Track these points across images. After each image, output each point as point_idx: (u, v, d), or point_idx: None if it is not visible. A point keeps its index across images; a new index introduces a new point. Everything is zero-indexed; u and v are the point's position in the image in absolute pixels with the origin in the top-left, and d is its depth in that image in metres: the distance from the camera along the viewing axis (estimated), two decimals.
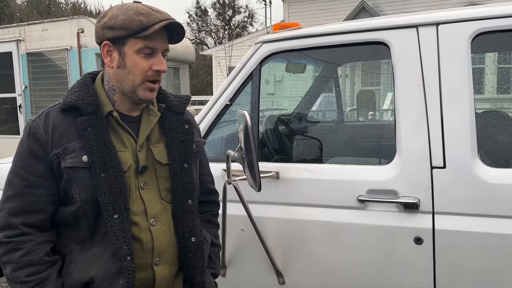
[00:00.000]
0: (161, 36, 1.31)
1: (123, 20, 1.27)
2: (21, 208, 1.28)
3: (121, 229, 1.26)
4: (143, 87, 1.32)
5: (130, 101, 1.36)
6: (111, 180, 1.27)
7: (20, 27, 7.44)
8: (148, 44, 1.29)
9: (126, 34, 1.28)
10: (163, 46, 1.33)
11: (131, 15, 1.27)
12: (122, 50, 1.30)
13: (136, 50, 1.29)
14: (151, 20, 1.27)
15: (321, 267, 2.03)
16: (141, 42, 1.28)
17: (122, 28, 1.27)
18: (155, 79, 1.33)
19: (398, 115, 1.89)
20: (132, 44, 1.29)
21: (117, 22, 1.28)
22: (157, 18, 1.28)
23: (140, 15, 1.27)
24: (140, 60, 1.30)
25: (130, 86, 1.32)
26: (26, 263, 1.25)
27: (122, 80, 1.33)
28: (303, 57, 2.53)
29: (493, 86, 4.48)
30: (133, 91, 1.32)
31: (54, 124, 1.30)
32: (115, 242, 1.26)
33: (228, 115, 2.30)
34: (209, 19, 34.91)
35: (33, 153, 1.29)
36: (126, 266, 1.26)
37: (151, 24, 1.27)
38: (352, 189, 1.93)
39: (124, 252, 1.26)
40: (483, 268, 1.77)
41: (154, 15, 1.28)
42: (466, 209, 1.77)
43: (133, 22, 1.27)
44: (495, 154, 1.95)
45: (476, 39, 1.80)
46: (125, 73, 1.31)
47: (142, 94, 1.33)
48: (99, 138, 1.28)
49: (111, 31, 1.29)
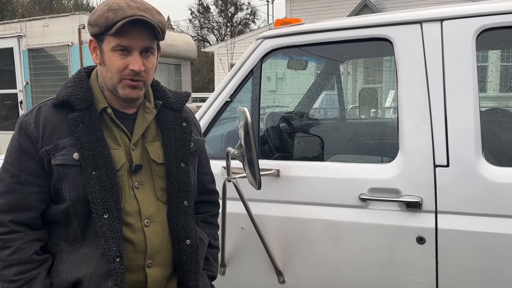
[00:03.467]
0: (136, 33, 1.22)
1: (96, 17, 1.23)
2: (10, 206, 1.25)
3: (110, 229, 1.23)
4: (122, 84, 1.26)
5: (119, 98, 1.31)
6: (102, 179, 1.23)
7: (21, 23, 7.44)
8: (121, 42, 1.22)
9: (99, 31, 1.23)
10: (140, 43, 1.24)
11: (103, 11, 1.22)
12: (101, 47, 1.26)
13: (111, 48, 1.23)
14: (117, 17, 1.19)
15: (321, 266, 2.01)
16: (113, 39, 1.22)
17: (95, 25, 1.23)
18: (133, 78, 1.26)
19: (401, 113, 1.86)
20: (108, 42, 1.24)
21: (92, 18, 1.24)
22: (123, 14, 1.19)
23: (110, 11, 1.20)
24: (115, 58, 1.24)
25: (110, 84, 1.28)
26: (15, 261, 1.23)
27: (104, 77, 1.29)
28: (304, 53, 2.51)
29: (498, 83, 4.45)
30: (113, 88, 1.28)
31: (45, 120, 1.26)
32: (104, 243, 1.23)
33: (228, 112, 2.27)
34: (211, 16, 34.90)
35: (23, 150, 1.26)
36: (115, 267, 1.23)
37: (115, 21, 1.19)
38: (353, 187, 1.91)
39: (113, 254, 1.23)
40: (486, 268, 1.75)
41: (122, 11, 1.19)
42: (469, 208, 1.74)
43: (101, 19, 1.21)
44: (500, 153, 1.92)
45: (481, 35, 1.78)
46: (105, 70, 1.27)
47: (122, 92, 1.27)
48: (91, 135, 1.25)
49: (90, 27, 1.25)
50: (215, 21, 34.93)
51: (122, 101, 1.32)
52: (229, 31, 33.88)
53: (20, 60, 7.40)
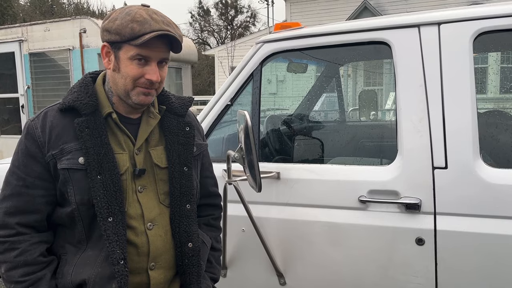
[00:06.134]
0: (157, 45, 1.27)
1: (118, 26, 1.25)
2: (17, 208, 1.28)
3: (115, 232, 1.25)
4: (136, 91, 1.29)
5: (127, 104, 1.34)
6: (107, 183, 1.25)
7: (22, 27, 7.46)
8: (141, 52, 1.25)
9: (120, 40, 1.26)
10: (159, 55, 1.28)
11: (126, 21, 1.24)
12: (118, 54, 1.28)
13: (129, 56, 1.26)
14: (143, 29, 1.23)
15: (322, 268, 2.02)
16: (134, 49, 1.25)
17: (116, 34, 1.25)
18: (147, 86, 1.29)
19: (400, 115, 1.88)
20: (127, 50, 1.26)
21: (113, 26, 1.26)
22: (150, 27, 1.23)
23: (134, 23, 1.23)
24: (133, 66, 1.27)
25: (123, 90, 1.30)
26: (21, 263, 1.25)
27: (116, 83, 1.31)
28: (304, 57, 2.53)
29: (496, 85, 4.47)
30: (126, 95, 1.30)
31: (51, 125, 1.29)
32: (108, 246, 1.25)
33: (229, 115, 2.29)
34: (211, 19, 34.98)
35: (30, 154, 1.28)
36: (119, 270, 1.25)
37: (142, 33, 1.23)
38: (353, 189, 1.92)
39: (117, 256, 1.25)
40: (485, 270, 1.76)
41: (148, 24, 1.23)
42: (468, 209, 1.76)
43: (126, 29, 1.24)
44: (497, 155, 1.93)
45: (478, 38, 1.79)
46: (119, 77, 1.29)
47: (135, 98, 1.30)
48: (96, 139, 1.27)
49: (108, 34, 1.27)
50: (215, 24, 35.02)
51: (130, 106, 1.34)
52: (230, 34, 33.94)
53: (21, 64, 7.43)
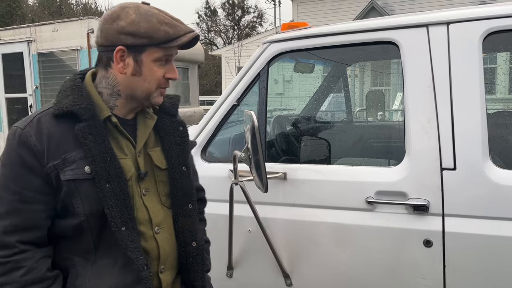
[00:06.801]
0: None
1: (147, 29, 1.21)
2: (16, 226, 1.17)
3: (132, 240, 1.22)
4: (157, 93, 1.30)
5: (135, 105, 1.31)
6: (116, 191, 1.20)
7: (31, 28, 7.53)
8: (167, 52, 1.26)
9: (148, 43, 1.23)
10: (175, 53, 1.31)
11: (155, 24, 1.22)
12: (140, 58, 1.24)
13: (155, 58, 1.25)
14: (177, 32, 1.24)
15: (328, 269, 2.01)
16: (161, 51, 1.24)
17: (146, 37, 1.22)
18: (166, 86, 1.31)
19: (408, 116, 1.86)
20: (151, 53, 1.24)
21: (140, 29, 1.21)
22: (182, 30, 1.25)
23: (165, 25, 1.23)
24: (156, 68, 1.26)
25: (145, 93, 1.28)
26: (29, 282, 1.17)
27: (136, 88, 1.27)
28: (311, 57, 2.51)
29: (505, 86, 4.42)
30: (147, 98, 1.29)
31: (48, 132, 1.19)
32: (131, 254, 1.21)
33: (235, 115, 2.29)
34: (218, 19, 35.04)
35: (25, 165, 1.17)
36: (146, 275, 1.23)
37: (177, 36, 1.24)
38: (360, 190, 1.91)
39: (141, 262, 1.22)
40: (493, 272, 1.74)
41: (179, 27, 1.25)
42: (476, 211, 1.74)
43: (159, 32, 1.22)
44: (507, 155, 1.91)
45: (487, 38, 1.77)
46: (140, 80, 1.26)
47: (155, 100, 1.30)
48: (100, 146, 1.20)
49: (132, 37, 1.22)
50: (222, 24, 35.08)
51: (134, 108, 1.32)
52: (236, 34, 33.98)
53: (30, 64, 7.50)
